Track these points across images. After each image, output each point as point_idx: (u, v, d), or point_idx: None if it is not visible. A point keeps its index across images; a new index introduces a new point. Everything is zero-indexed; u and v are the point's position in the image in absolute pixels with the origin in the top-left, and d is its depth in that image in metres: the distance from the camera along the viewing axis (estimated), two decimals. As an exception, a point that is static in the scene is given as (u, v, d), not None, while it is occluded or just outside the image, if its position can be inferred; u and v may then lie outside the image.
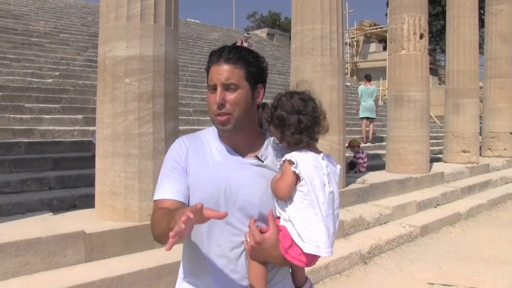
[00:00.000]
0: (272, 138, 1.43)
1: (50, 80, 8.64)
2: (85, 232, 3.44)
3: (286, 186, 1.28)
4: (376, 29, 23.73)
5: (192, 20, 21.23)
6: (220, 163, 1.36)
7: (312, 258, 1.31)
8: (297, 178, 1.28)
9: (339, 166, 1.40)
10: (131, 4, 3.83)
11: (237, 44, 13.64)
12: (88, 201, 4.44)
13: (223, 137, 1.39)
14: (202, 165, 1.37)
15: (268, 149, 1.41)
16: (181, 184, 1.36)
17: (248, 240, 1.30)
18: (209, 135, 1.44)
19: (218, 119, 1.32)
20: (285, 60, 17.21)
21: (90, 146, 5.63)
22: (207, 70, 1.36)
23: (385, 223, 5.82)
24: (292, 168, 1.27)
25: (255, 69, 1.35)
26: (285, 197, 1.29)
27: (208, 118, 1.40)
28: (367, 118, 10.78)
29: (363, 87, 11.13)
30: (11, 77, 8.17)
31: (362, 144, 9.50)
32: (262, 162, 1.37)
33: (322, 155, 1.35)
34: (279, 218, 1.34)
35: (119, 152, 3.72)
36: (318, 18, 5.70)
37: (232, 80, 1.30)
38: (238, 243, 1.33)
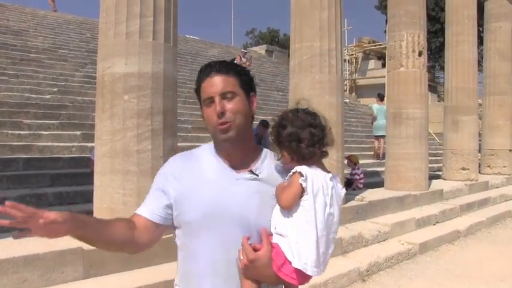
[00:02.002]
0: (269, 152, 1.42)
1: (49, 96, 8.65)
2: (83, 248, 3.41)
3: (291, 196, 1.27)
4: (375, 46, 23.94)
5: (191, 37, 21.39)
6: (214, 180, 1.35)
7: (304, 277, 1.28)
8: (303, 191, 1.26)
9: (344, 190, 1.37)
10: (130, 21, 3.86)
11: (235, 61, 13.66)
12: (85, 218, 4.41)
13: (219, 151, 1.38)
14: (194, 183, 1.36)
15: (264, 163, 1.39)
16: (159, 204, 1.38)
17: (242, 258, 1.28)
18: (205, 151, 1.43)
19: (220, 128, 1.30)
20: (284, 77, 17.29)
21: (88, 162, 5.62)
22: (198, 89, 1.37)
23: (384, 240, 5.78)
24: (300, 181, 1.26)
25: (246, 78, 1.37)
26: (287, 207, 1.27)
27: (208, 135, 1.42)
28: (381, 136, 10.91)
29: (377, 105, 11.39)
30: (10, 93, 8.18)
31: (372, 161, 9.49)
32: (257, 176, 1.35)
33: (330, 175, 1.33)
34: (271, 235, 1.32)
35: (118, 168, 3.71)
36: (317, 36, 5.74)
37: (229, 88, 1.32)
38: (233, 261, 1.31)
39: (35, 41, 11.97)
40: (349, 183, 7.54)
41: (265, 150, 1.44)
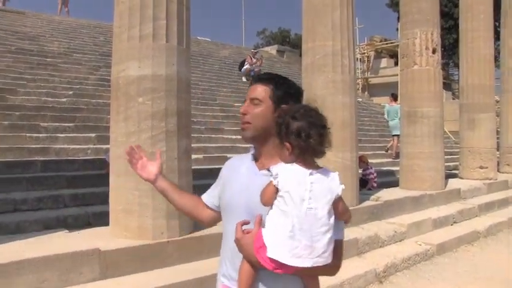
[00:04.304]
0: None
1: (64, 99, 8.76)
2: (100, 250, 3.46)
3: (265, 194, 1.41)
4: (386, 44, 23.73)
5: (203, 38, 21.45)
6: (242, 174, 1.60)
7: (283, 265, 1.36)
8: (277, 189, 1.39)
9: (342, 186, 1.41)
10: (143, 25, 3.90)
11: (246, 61, 13.76)
12: (102, 219, 4.46)
13: (256, 154, 1.62)
14: (231, 176, 1.65)
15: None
16: (211, 192, 1.76)
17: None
18: (249, 155, 1.67)
19: (241, 126, 1.57)
20: (295, 77, 17.16)
21: (103, 164, 5.68)
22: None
23: (400, 241, 5.72)
24: (272, 179, 1.40)
25: (280, 91, 1.54)
26: (264, 204, 1.42)
27: (220, 135, 1.63)
28: (396, 135, 10.90)
29: (388, 106, 11.59)
30: (27, 97, 8.32)
31: (386, 160, 9.86)
32: (272, 173, 1.48)
33: (311, 170, 1.39)
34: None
35: (132, 170, 3.73)
36: (329, 35, 5.71)
37: (258, 96, 1.54)
38: None
39: (51, 46, 12.15)
40: (363, 183, 7.49)
41: None
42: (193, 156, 5.22)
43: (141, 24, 3.89)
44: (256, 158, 1.61)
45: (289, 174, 1.38)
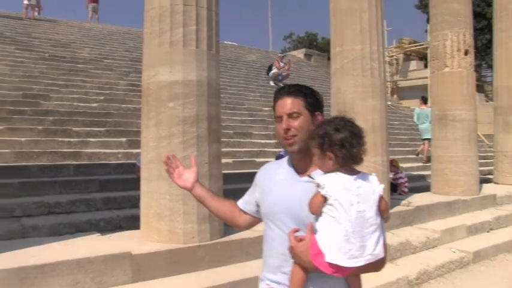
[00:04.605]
0: None
1: (95, 105, 8.96)
2: (131, 253, 3.50)
3: (313, 204, 1.50)
4: (415, 46, 23.29)
5: (230, 43, 21.57)
6: (282, 181, 1.65)
7: (341, 268, 1.45)
8: (326, 198, 1.47)
9: (381, 186, 1.53)
10: (174, 30, 3.94)
11: (273, 65, 13.73)
12: (133, 223, 4.52)
13: (292, 159, 1.68)
14: (269, 182, 1.71)
15: None
16: (248, 198, 1.83)
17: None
18: (285, 159, 1.74)
19: (286, 142, 1.61)
20: (323, 81, 17.13)
21: (134, 168, 5.76)
22: (274, 106, 1.67)
23: (433, 247, 5.57)
24: (319, 189, 1.47)
25: (312, 100, 1.64)
26: (314, 213, 1.50)
27: (248, 140, 1.61)
28: (426, 139, 10.71)
29: (418, 109, 11.48)
30: (60, 102, 8.55)
31: (417, 165, 9.80)
32: (314, 179, 1.56)
33: (355, 176, 1.50)
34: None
35: (164, 175, 3.70)
36: (358, 39, 5.64)
37: (295, 109, 1.60)
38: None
39: (82, 52, 12.47)
40: (393, 188, 7.33)
41: None
42: (223, 161, 5.24)
43: (171, 29, 3.94)
44: (293, 165, 1.67)
45: (335, 182, 1.47)
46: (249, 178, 1.91)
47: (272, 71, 15.08)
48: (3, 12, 15.22)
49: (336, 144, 1.48)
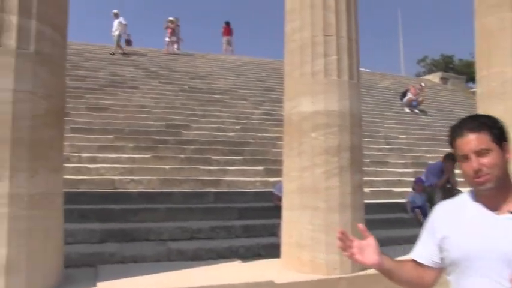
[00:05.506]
0: None
1: (232, 134, 9.39)
2: (274, 282, 3.53)
3: None
4: None
5: (362, 69, 21.18)
6: (476, 222, 1.47)
7: None
8: None
9: None
10: (315, 61, 3.99)
11: (409, 91, 12.87)
12: (272, 251, 4.57)
13: (479, 196, 1.50)
14: (457, 225, 1.50)
15: None
16: (426, 247, 1.58)
17: None
18: (465, 197, 1.56)
19: (477, 181, 1.44)
20: (464, 106, 15.79)
21: (272, 196, 5.88)
22: (451, 143, 1.53)
23: None
24: None
25: (497, 131, 1.47)
26: None
27: (385, 169, 1.40)
28: None
29: None
30: (199, 132, 9.16)
31: None
32: None
33: None
34: None
35: (306, 204, 3.77)
36: (508, 60, 5.09)
37: (483, 146, 1.44)
38: None
39: (218, 83, 13.33)
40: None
41: None
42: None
43: (312, 60, 3.99)
44: (480, 201, 1.50)
45: None
46: (387, 208, 1.75)
47: (406, 97, 14.43)
48: (148, 49, 17.11)
49: None
